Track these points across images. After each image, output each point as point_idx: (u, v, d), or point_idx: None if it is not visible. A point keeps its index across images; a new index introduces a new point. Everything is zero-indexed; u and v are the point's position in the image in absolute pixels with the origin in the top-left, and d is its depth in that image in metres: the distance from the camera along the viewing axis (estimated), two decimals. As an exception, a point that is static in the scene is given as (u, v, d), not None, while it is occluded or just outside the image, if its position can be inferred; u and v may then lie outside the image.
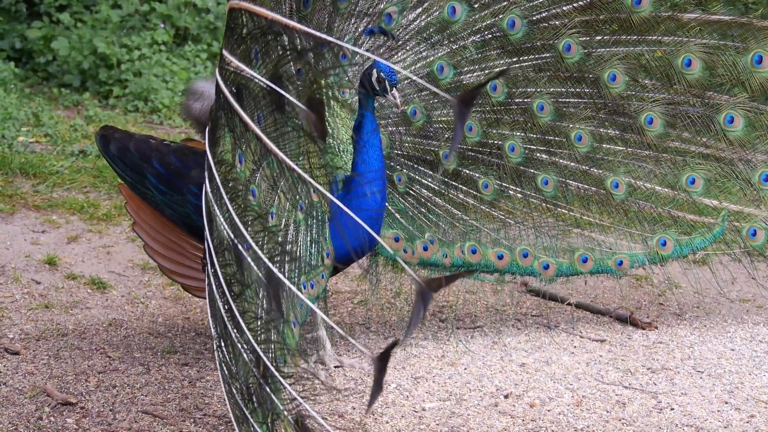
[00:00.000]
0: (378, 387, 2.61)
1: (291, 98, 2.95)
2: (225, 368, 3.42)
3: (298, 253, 4.71)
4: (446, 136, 5.29)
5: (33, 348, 5.04)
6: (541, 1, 5.16)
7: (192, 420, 4.46)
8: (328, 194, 3.50)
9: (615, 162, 5.40)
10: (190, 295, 5.63)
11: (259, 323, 3.30)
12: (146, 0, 10.05)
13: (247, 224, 3.27)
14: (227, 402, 3.40)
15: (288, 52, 3.06)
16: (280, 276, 3.12)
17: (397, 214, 5.28)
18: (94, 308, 5.58)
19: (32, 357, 4.95)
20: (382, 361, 2.59)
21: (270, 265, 3.13)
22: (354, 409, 4.64)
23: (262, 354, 3.22)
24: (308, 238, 4.79)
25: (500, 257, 5.41)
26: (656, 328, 5.82)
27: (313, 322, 5.09)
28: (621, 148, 5.38)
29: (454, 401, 4.79)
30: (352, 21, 5.03)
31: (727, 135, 5.34)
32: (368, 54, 4.84)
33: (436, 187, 5.35)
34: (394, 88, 4.66)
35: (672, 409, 4.81)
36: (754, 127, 5.33)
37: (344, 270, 5.24)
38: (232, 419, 3.36)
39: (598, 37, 5.20)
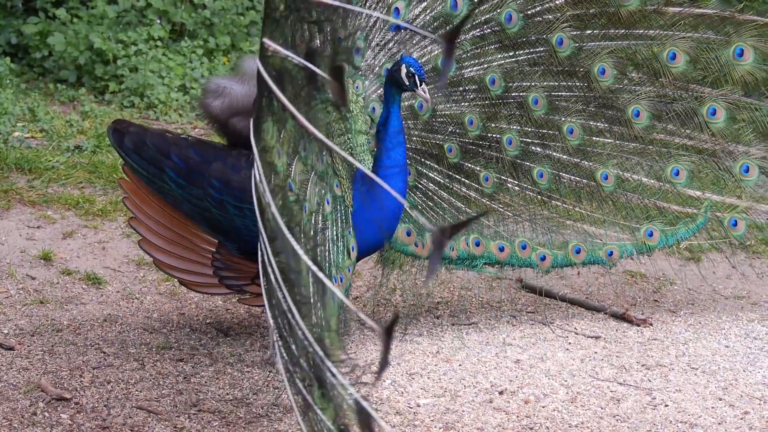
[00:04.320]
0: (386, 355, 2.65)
1: (318, 71, 3.01)
2: (286, 356, 3.38)
3: (328, 249, 4.76)
4: (449, 130, 5.44)
5: (27, 343, 5.04)
6: None
7: (187, 416, 4.46)
8: (356, 162, 3.45)
9: (604, 154, 5.56)
10: (185, 291, 5.63)
11: (307, 309, 3.29)
12: (142, -5, 10.02)
13: (289, 212, 3.31)
14: (288, 391, 3.36)
15: (309, 26, 3.14)
16: (308, 260, 3.12)
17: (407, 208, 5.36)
18: (89, 304, 5.57)
19: (27, 352, 4.95)
20: (387, 335, 2.63)
21: (300, 250, 3.14)
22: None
23: (313, 340, 3.20)
24: (334, 234, 4.82)
25: (501, 249, 5.57)
26: (651, 324, 5.82)
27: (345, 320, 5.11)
28: (610, 140, 5.56)
29: (449, 397, 4.79)
30: (363, 15, 5.08)
31: (709, 127, 5.52)
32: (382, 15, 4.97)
33: (441, 181, 5.48)
34: (423, 83, 4.71)
35: (666, 405, 4.82)
36: (735, 120, 5.51)
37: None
38: (295, 408, 3.32)
39: (588, 31, 5.38)
